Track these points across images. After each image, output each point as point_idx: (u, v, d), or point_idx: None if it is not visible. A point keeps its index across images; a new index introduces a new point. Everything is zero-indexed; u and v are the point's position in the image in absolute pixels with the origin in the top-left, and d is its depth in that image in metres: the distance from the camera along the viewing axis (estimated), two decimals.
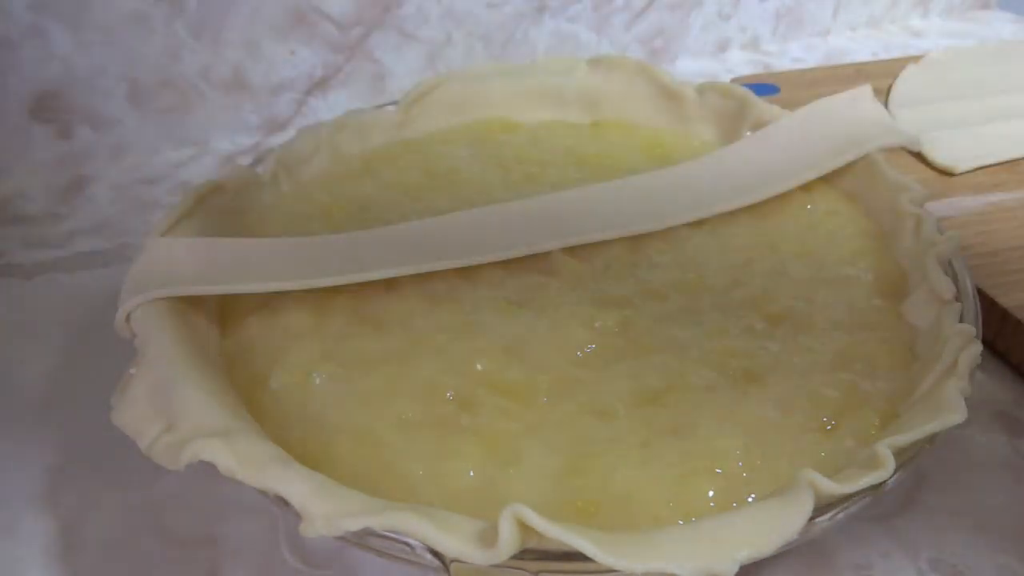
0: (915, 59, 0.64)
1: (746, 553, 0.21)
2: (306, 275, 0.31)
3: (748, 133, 0.42)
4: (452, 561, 0.21)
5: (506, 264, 0.33)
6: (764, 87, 0.59)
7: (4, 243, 0.47)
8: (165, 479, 0.32)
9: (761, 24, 0.75)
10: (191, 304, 0.31)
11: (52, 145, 0.52)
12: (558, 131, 0.41)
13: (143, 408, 0.25)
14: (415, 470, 0.25)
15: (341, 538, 0.22)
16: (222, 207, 0.36)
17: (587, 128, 0.45)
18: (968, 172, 0.49)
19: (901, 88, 0.59)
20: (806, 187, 0.37)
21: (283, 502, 0.22)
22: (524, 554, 0.21)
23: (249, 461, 0.23)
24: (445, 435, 0.26)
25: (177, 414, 0.24)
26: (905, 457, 0.24)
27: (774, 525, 0.21)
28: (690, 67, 0.71)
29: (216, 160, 0.55)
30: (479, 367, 0.28)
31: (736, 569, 0.20)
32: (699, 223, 0.36)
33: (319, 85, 0.58)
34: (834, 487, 0.22)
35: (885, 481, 0.24)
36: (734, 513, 0.22)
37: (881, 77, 0.60)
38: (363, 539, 0.23)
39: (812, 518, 0.22)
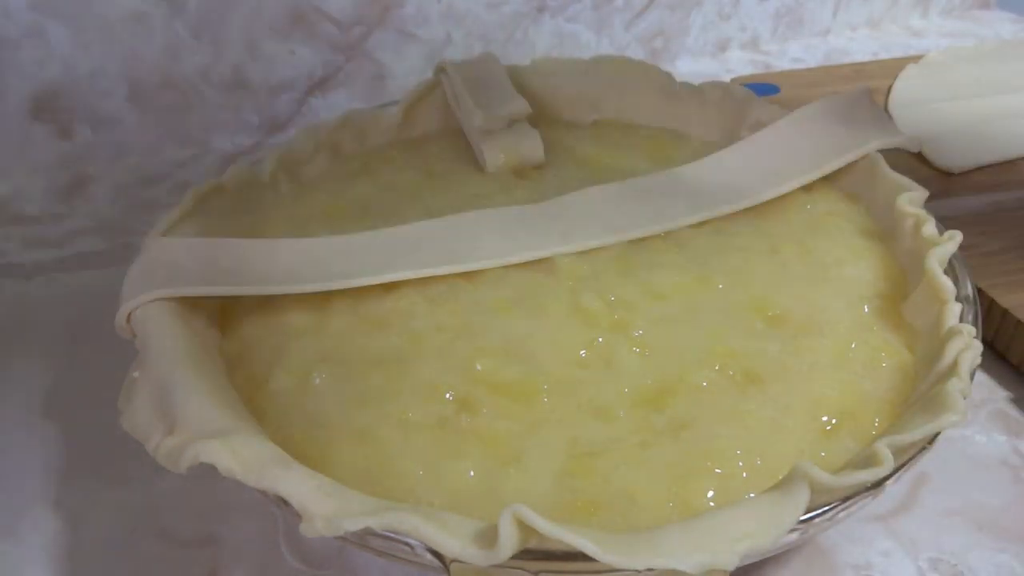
0: (915, 59, 0.64)
1: (746, 545, 0.21)
2: (306, 278, 0.31)
3: (748, 133, 0.42)
4: (452, 561, 0.21)
5: (506, 264, 0.33)
6: (764, 87, 0.59)
7: (4, 243, 0.47)
8: (166, 479, 0.32)
9: (761, 24, 0.75)
10: (191, 304, 0.31)
11: (52, 145, 0.52)
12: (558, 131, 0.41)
13: (148, 411, 0.25)
14: (415, 470, 0.25)
15: (341, 538, 0.22)
16: (222, 207, 0.36)
17: (587, 128, 0.45)
18: (968, 172, 0.49)
19: (901, 88, 0.59)
20: (806, 187, 0.37)
21: (283, 502, 0.22)
22: (524, 554, 0.21)
23: (249, 462, 0.23)
24: (445, 435, 0.26)
25: (177, 416, 0.24)
26: (905, 457, 0.24)
27: (772, 517, 0.21)
28: (690, 67, 0.71)
29: (216, 160, 0.55)
30: (479, 367, 0.28)
31: (737, 561, 0.20)
32: (700, 224, 0.36)
33: (319, 85, 0.58)
34: (831, 479, 0.22)
35: (885, 480, 0.24)
36: (732, 507, 0.22)
37: (881, 77, 0.60)
38: (363, 539, 0.23)
39: (811, 515, 0.22)
